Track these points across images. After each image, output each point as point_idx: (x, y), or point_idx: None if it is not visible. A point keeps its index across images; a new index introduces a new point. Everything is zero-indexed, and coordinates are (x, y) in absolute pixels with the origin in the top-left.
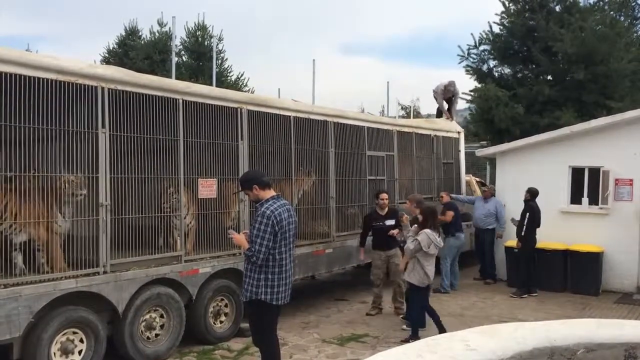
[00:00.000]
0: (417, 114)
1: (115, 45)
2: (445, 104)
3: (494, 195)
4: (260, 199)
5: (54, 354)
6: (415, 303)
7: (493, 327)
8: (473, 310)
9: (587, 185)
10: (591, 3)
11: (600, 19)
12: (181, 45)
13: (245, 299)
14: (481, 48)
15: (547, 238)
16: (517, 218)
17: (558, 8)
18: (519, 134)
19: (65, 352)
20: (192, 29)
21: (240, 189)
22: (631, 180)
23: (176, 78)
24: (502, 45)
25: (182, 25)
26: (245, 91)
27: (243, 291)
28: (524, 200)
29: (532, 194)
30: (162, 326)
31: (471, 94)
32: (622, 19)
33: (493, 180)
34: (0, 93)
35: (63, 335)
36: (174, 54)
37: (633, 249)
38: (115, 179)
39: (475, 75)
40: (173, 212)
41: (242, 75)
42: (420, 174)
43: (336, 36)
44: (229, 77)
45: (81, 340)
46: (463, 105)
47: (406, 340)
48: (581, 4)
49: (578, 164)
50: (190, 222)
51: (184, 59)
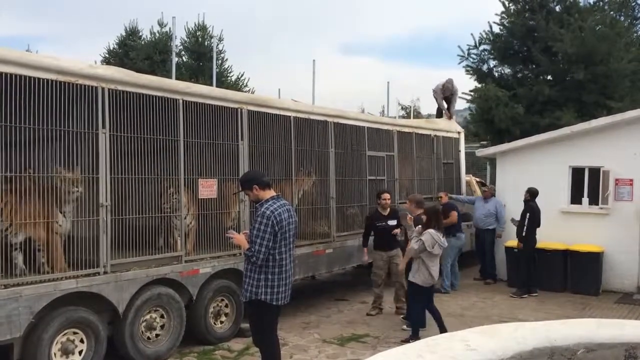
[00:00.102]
0: (417, 114)
1: (115, 46)
2: (445, 103)
3: (494, 195)
4: (260, 199)
5: (55, 354)
6: (416, 303)
7: (493, 327)
8: (473, 310)
9: (587, 185)
10: (591, 3)
11: (600, 19)
12: (181, 46)
13: (245, 299)
14: (481, 48)
15: (548, 238)
16: (517, 218)
17: (558, 8)
18: (519, 134)
19: (65, 353)
20: (192, 29)
21: (241, 189)
22: (631, 180)
23: (176, 78)
24: (502, 46)
25: (182, 25)
26: (246, 91)
27: (243, 291)
28: (524, 201)
29: (532, 194)
30: (163, 326)
31: (471, 94)
32: (622, 19)
33: (493, 180)
34: (1, 94)
35: (63, 335)
36: (174, 54)
37: (633, 248)
38: (116, 180)
39: (475, 75)
40: (173, 213)
41: (242, 75)
42: (421, 174)
43: (336, 36)
44: (229, 78)
45: (81, 341)
46: (463, 105)
47: (406, 340)
48: (581, 4)
49: (578, 164)
50: (191, 223)
51: (184, 59)
